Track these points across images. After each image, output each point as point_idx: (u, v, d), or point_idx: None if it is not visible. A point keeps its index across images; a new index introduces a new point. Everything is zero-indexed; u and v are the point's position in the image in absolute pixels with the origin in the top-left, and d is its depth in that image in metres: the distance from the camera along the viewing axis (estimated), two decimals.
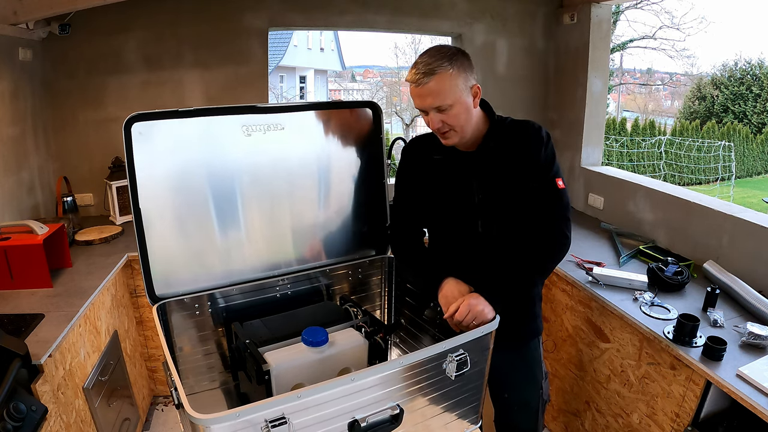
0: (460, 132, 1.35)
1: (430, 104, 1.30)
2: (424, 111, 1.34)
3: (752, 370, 1.38)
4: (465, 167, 1.44)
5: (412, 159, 1.55)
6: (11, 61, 2.32)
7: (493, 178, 1.42)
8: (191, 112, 1.42)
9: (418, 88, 1.30)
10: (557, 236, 1.40)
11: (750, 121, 13.47)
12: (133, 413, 2.17)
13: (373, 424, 1.11)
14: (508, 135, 1.42)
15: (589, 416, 2.04)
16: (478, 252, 1.48)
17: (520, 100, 3.20)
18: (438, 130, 1.35)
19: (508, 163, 1.40)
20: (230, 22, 2.76)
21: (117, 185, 2.61)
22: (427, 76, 1.27)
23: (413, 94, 1.33)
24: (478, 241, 1.47)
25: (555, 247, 1.41)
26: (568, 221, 1.41)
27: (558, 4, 3.07)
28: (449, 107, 1.30)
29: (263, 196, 1.59)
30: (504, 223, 1.44)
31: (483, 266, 1.45)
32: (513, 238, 1.44)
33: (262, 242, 1.63)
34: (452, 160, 1.46)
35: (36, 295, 1.81)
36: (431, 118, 1.33)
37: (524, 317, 1.57)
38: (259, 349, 1.38)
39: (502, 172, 1.41)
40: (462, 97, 1.31)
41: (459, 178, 1.45)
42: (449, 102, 1.29)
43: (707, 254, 2.09)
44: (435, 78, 1.27)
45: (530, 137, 1.40)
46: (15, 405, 1.25)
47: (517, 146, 1.40)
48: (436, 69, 1.26)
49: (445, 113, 1.31)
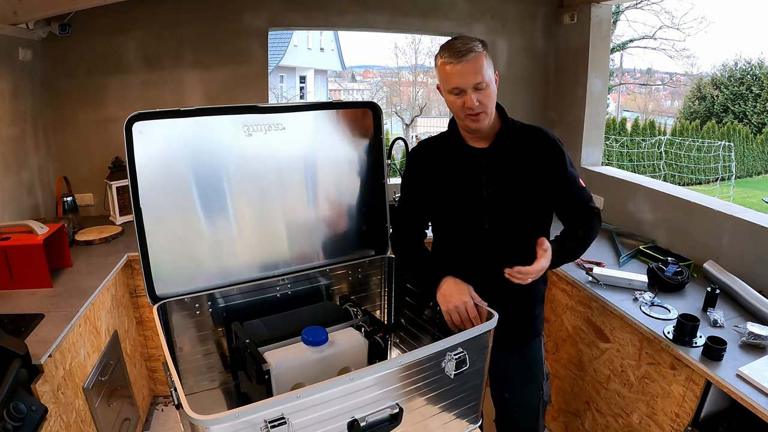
0: (490, 115, 1.38)
1: (472, 81, 1.31)
2: (462, 90, 1.33)
3: (752, 370, 1.38)
4: (475, 162, 1.45)
5: (420, 161, 1.56)
6: (11, 61, 2.32)
7: (503, 175, 1.44)
8: (192, 112, 1.42)
9: (459, 65, 1.30)
10: (592, 215, 1.50)
11: (750, 121, 13.47)
12: (133, 413, 2.17)
13: (372, 423, 1.11)
14: (521, 137, 1.45)
15: (589, 416, 2.04)
16: (483, 249, 1.49)
17: (520, 100, 3.20)
18: (473, 110, 1.34)
19: (520, 165, 1.43)
20: (230, 22, 2.76)
21: (117, 185, 2.61)
22: (468, 53, 1.30)
23: (452, 73, 1.32)
24: (483, 238, 1.48)
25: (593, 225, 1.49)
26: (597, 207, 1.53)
27: (558, 4, 3.07)
28: (486, 86, 1.33)
29: (263, 196, 1.59)
30: (510, 220, 1.46)
31: (487, 264, 1.46)
32: (518, 236, 1.46)
33: (262, 242, 1.63)
34: (462, 155, 1.47)
35: (36, 295, 1.82)
36: (468, 98, 1.33)
37: (525, 317, 1.58)
38: (259, 348, 1.38)
39: (513, 171, 1.44)
40: (492, 80, 1.35)
41: (468, 173, 1.46)
42: (487, 80, 1.32)
43: (707, 254, 2.09)
44: (474, 56, 1.30)
45: (548, 147, 1.45)
46: (15, 405, 1.25)
47: (531, 152, 1.44)
48: (473, 48, 1.30)
49: (481, 92, 1.33)
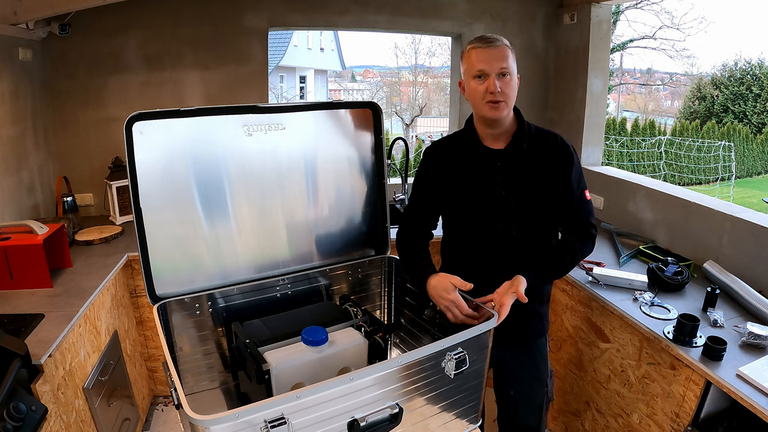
0: (508, 107, 1.41)
1: (498, 66, 1.35)
2: (486, 75, 1.36)
3: (752, 370, 1.38)
4: (491, 163, 1.47)
5: (435, 160, 1.56)
6: (11, 61, 2.32)
7: (518, 176, 1.46)
8: (192, 112, 1.42)
9: (489, 49, 1.36)
10: (586, 240, 1.51)
11: (750, 121, 13.47)
12: (133, 413, 2.17)
13: (372, 423, 1.11)
14: (536, 141, 1.47)
15: (589, 416, 2.04)
16: (495, 249, 1.50)
17: (520, 100, 3.16)
18: (494, 96, 1.37)
19: (535, 168, 1.45)
20: (230, 22, 2.76)
21: (117, 185, 2.61)
22: (496, 41, 1.37)
23: (480, 58, 1.36)
24: (495, 238, 1.49)
25: (583, 249, 1.51)
26: (595, 229, 1.54)
27: (558, 4, 3.07)
28: (510, 76, 1.37)
29: (263, 195, 1.59)
30: (523, 220, 1.47)
31: (498, 264, 1.48)
32: (530, 237, 1.48)
33: (262, 242, 1.63)
34: (478, 154, 1.48)
35: (36, 295, 1.81)
36: (491, 81, 1.35)
37: (532, 316, 1.59)
38: (259, 348, 1.38)
39: (528, 173, 1.45)
40: (515, 75, 1.40)
41: (484, 173, 1.47)
42: (510, 70, 1.37)
43: (707, 254, 2.09)
44: (502, 45, 1.37)
45: (563, 154, 1.47)
46: (15, 405, 1.25)
47: (546, 156, 1.46)
48: (502, 40, 1.38)
49: (504, 81, 1.37)
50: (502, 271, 1.43)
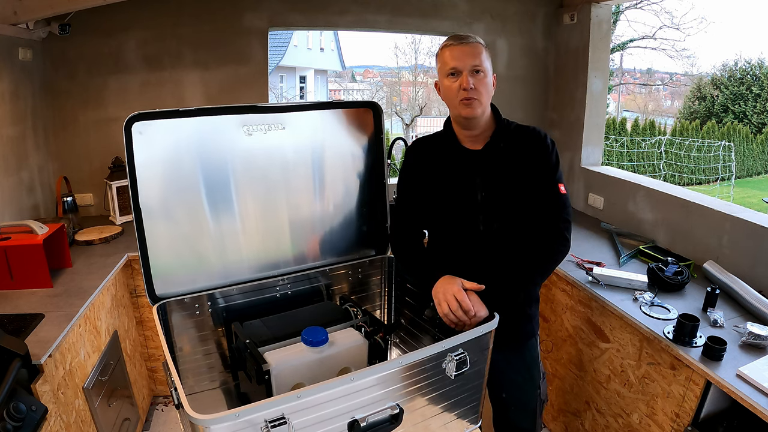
0: (483, 105, 1.40)
1: (470, 63, 1.36)
2: (458, 72, 1.37)
3: (752, 370, 1.38)
4: (469, 164, 1.46)
5: (416, 158, 1.56)
6: (11, 61, 2.32)
7: (497, 177, 1.44)
8: (192, 112, 1.42)
9: (461, 46, 1.37)
10: (558, 238, 1.43)
11: (750, 121, 13.47)
12: (133, 413, 2.17)
13: (372, 423, 1.11)
14: (515, 138, 1.46)
15: (589, 416, 2.04)
16: (478, 250, 1.49)
17: (520, 100, 3.20)
18: (467, 93, 1.37)
19: (513, 166, 1.44)
20: (230, 22, 2.76)
21: (117, 185, 2.61)
22: (469, 39, 1.38)
23: (453, 56, 1.37)
24: (478, 239, 1.48)
25: (555, 248, 1.44)
26: (568, 224, 1.45)
27: (558, 4, 3.07)
28: (484, 74, 1.38)
29: (263, 195, 1.59)
30: (505, 221, 1.46)
31: (483, 265, 1.46)
32: (513, 237, 1.46)
33: (262, 242, 1.63)
34: (457, 156, 1.47)
35: (36, 295, 1.81)
36: (464, 79, 1.36)
37: (519, 319, 1.57)
38: (259, 348, 1.38)
39: (507, 172, 1.44)
40: (490, 73, 1.40)
41: (463, 175, 1.47)
42: (484, 68, 1.37)
43: (707, 254, 2.09)
44: (474, 43, 1.38)
45: (537, 143, 1.45)
46: (15, 405, 1.25)
47: (523, 150, 1.45)
48: (474, 38, 1.39)
49: (477, 78, 1.37)
50: (486, 271, 1.41)
